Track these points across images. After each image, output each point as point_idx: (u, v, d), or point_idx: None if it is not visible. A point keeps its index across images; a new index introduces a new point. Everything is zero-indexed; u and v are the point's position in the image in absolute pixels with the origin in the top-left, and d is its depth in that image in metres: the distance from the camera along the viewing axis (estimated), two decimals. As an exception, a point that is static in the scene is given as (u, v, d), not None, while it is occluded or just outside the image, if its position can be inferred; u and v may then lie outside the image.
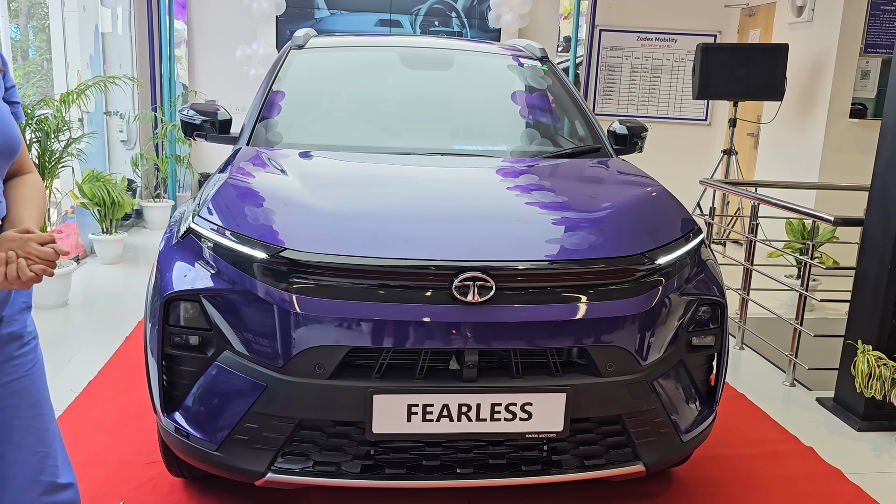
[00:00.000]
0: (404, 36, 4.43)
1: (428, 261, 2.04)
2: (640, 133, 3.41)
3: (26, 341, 1.62)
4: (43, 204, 1.62)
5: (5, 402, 1.57)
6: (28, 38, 8.61)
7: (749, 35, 7.59)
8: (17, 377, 1.59)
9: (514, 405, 2.05)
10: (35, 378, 1.63)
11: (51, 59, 6.18)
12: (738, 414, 3.51)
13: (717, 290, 2.41)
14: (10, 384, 1.57)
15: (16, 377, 1.59)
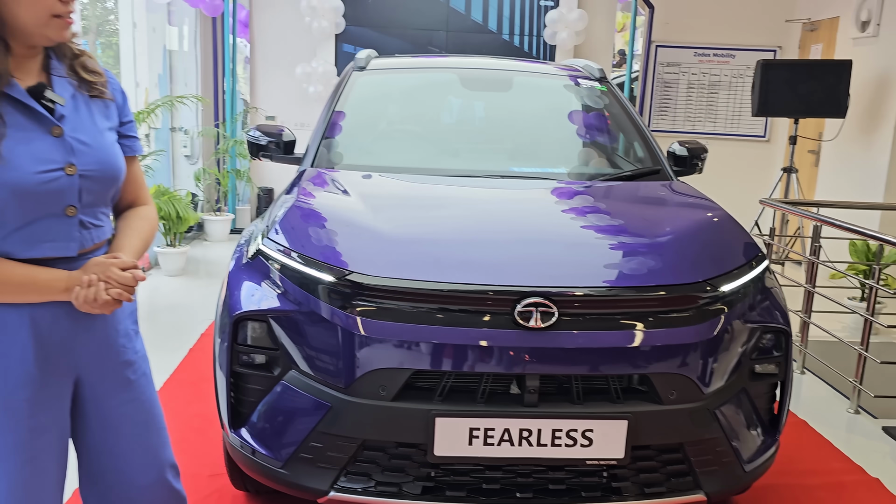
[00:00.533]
0: (463, 56, 4.48)
1: (491, 286, 2.08)
2: (699, 154, 3.39)
3: (136, 367, 1.72)
4: (149, 235, 1.70)
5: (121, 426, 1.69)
6: (97, 55, 8.96)
7: (811, 51, 7.44)
8: (129, 401, 1.70)
9: (575, 431, 2.06)
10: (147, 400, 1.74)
11: (119, 76, 6.43)
12: (800, 441, 3.43)
13: (781, 318, 2.38)
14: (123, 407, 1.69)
15: (128, 401, 1.70)
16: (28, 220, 1.47)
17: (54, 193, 1.49)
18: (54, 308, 1.53)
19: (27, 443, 1.54)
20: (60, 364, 1.58)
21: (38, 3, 1.44)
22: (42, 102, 1.50)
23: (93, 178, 1.55)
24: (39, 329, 1.52)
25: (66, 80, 1.56)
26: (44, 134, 1.49)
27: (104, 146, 1.58)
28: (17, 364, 1.52)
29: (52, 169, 1.48)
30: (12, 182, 1.43)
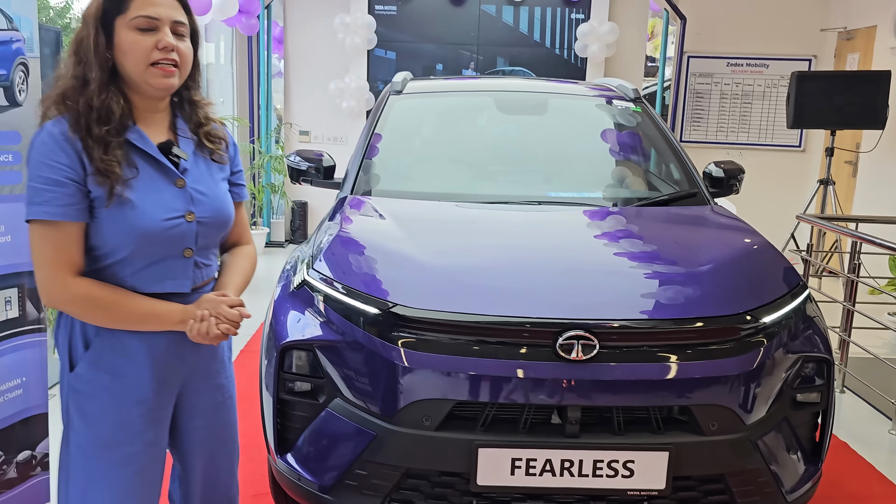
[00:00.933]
0: (497, 78, 4.52)
1: (533, 318, 2.11)
2: (736, 175, 3.40)
3: (227, 392, 1.93)
4: (250, 273, 1.90)
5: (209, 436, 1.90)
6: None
7: (847, 60, 7.35)
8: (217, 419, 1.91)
9: (617, 462, 2.08)
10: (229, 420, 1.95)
11: None
12: (842, 465, 3.40)
13: (822, 347, 2.37)
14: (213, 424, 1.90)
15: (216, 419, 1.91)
16: (153, 260, 1.66)
17: (176, 238, 1.67)
18: (169, 336, 1.71)
19: (138, 455, 1.73)
20: (170, 385, 1.77)
21: (136, 52, 1.58)
22: (169, 157, 1.68)
23: (208, 224, 1.73)
24: (156, 355, 1.71)
25: (189, 138, 1.75)
26: (169, 185, 1.68)
27: (218, 196, 1.77)
28: (136, 385, 1.70)
29: (175, 216, 1.66)
30: (143, 227, 1.62)
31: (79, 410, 1.70)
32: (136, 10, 1.59)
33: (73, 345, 1.70)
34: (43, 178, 1.56)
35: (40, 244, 1.59)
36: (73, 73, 1.61)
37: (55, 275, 1.59)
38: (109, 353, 1.68)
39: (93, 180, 1.58)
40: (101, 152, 1.57)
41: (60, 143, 1.57)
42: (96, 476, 1.70)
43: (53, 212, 1.56)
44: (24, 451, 2.34)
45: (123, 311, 1.63)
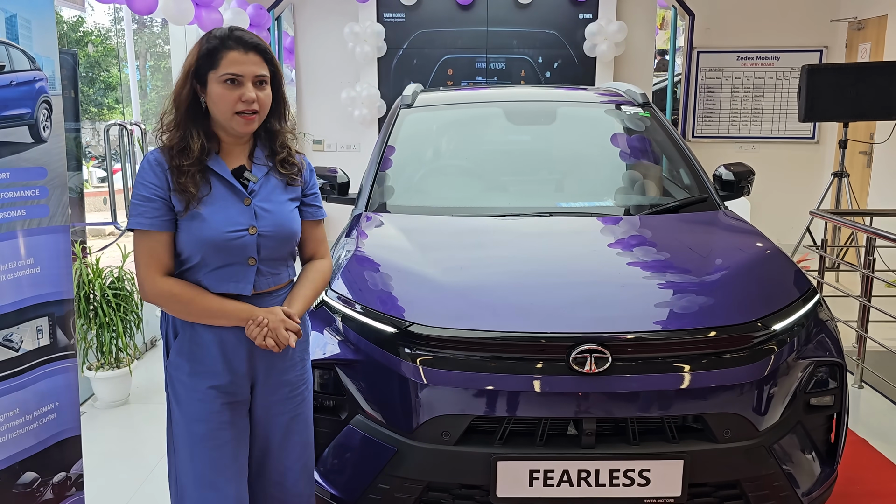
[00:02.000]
0: (506, 88, 4.55)
1: (546, 334, 2.16)
2: (746, 177, 3.42)
3: (296, 389, 2.09)
4: (321, 285, 2.11)
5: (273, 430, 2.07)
6: (146, 78, 9.27)
7: (858, 50, 7.31)
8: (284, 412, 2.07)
9: (633, 471, 2.13)
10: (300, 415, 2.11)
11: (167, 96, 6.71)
12: (861, 461, 3.41)
13: (835, 351, 2.41)
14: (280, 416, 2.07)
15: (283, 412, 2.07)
16: (220, 265, 1.93)
17: (239, 247, 1.93)
18: (237, 332, 1.95)
19: (216, 432, 1.96)
20: (240, 374, 1.99)
21: (223, 103, 1.89)
22: (241, 180, 1.96)
23: (269, 237, 1.96)
24: (224, 346, 1.96)
25: (263, 164, 2.01)
26: (237, 202, 1.95)
27: (283, 213, 2.00)
28: (209, 370, 1.96)
29: (238, 229, 1.92)
30: (209, 237, 1.90)
31: (173, 391, 2.01)
32: (225, 68, 1.87)
33: (168, 335, 2.00)
34: (138, 195, 1.90)
35: (137, 248, 1.92)
36: (174, 115, 1.93)
37: (147, 274, 1.90)
38: (189, 343, 1.96)
39: (175, 197, 1.89)
40: (178, 176, 1.89)
41: (153, 167, 1.91)
42: (189, 448, 1.98)
43: (143, 222, 1.89)
44: (59, 472, 2.43)
45: (198, 306, 1.91)
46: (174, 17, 5.15)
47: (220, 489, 1.97)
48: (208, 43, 1.90)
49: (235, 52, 1.88)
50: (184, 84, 1.91)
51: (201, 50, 1.90)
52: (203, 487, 1.96)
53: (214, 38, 1.90)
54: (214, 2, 5.76)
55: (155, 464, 3.41)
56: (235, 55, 1.88)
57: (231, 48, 1.88)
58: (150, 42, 9.11)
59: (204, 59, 1.89)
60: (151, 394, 4.25)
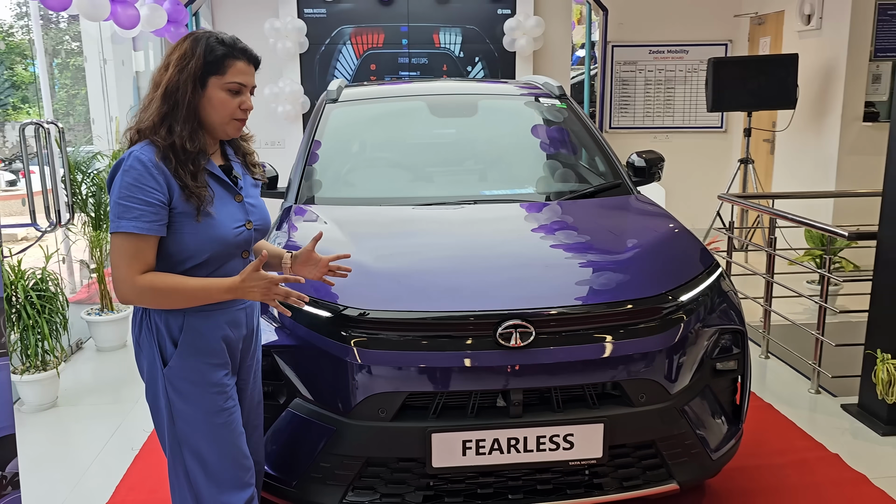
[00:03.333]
0: (429, 82, 4.66)
1: (473, 312, 2.29)
2: (657, 163, 3.64)
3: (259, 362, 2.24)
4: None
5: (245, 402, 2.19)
6: (55, 76, 8.98)
7: (759, 43, 7.76)
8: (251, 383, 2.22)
9: (558, 436, 2.29)
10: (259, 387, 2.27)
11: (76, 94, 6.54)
12: (766, 424, 3.70)
13: (737, 319, 2.63)
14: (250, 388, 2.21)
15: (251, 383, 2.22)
16: (222, 262, 2.01)
17: (240, 243, 2.02)
18: (226, 314, 2.03)
19: (231, 410, 2.05)
20: (235, 351, 2.09)
21: (224, 110, 1.95)
22: (231, 178, 2.04)
23: (259, 229, 2.10)
24: (227, 334, 2.04)
25: (237, 162, 2.12)
26: (232, 200, 2.03)
27: (262, 206, 2.14)
28: (218, 356, 2.02)
29: (239, 225, 2.02)
30: (220, 236, 1.96)
31: (179, 394, 2.00)
32: (232, 76, 1.94)
33: (162, 347, 1.99)
34: (134, 198, 1.86)
35: (120, 250, 1.88)
36: (160, 111, 1.91)
37: (128, 274, 1.88)
38: (195, 342, 1.99)
39: (180, 200, 1.90)
40: (193, 180, 1.91)
41: (150, 169, 1.87)
42: (206, 439, 2.01)
43: (141, 227, 1.87)
44: (-7, 472, 2.42)
45: (182, 291, 1.91)
46: (89, 13, 5.05)
47: (248, 460, 2.09)
48: (215, 48, 1.92)
49: (242, 63, 1.95)
50: (183, 84, 1.91)
51: (207, 54, 1.92)
52: (237, 467, 2.05)
53: (222, 45, 1.93)
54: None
55: (89, 464, 3.39)
56: (242, 65, 1.94)
57: (238, 58, 1.94)
58: (58, 39, 8.79)
59: (210, 65, 1.92)
60: (80, 395, 4.20)
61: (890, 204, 3.54)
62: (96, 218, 4.85)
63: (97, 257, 4.88)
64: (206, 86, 1.93)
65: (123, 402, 4.07)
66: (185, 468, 2.04)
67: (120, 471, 3.29)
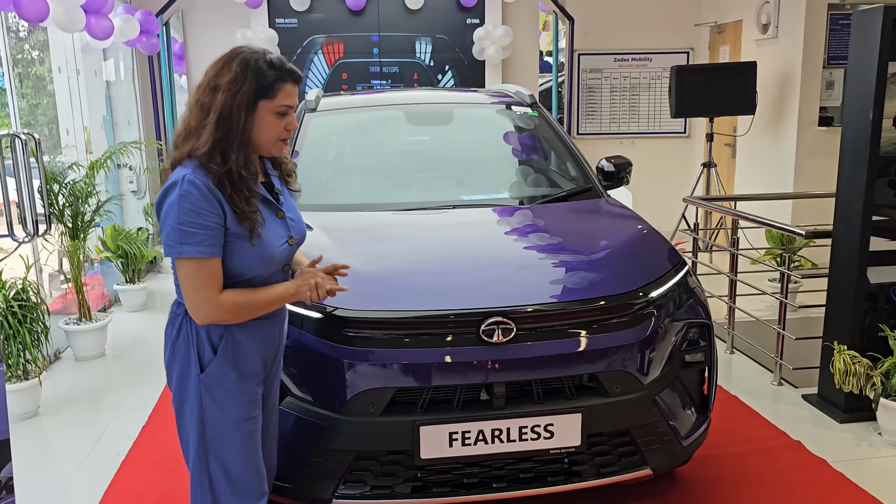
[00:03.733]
0: (404, 91, 4.78)
1: (457, 310, 2.42)
2: (626, 168, 3.80)
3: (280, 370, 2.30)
4: None
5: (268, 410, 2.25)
6: (16, 87, 8.94)
7: (719, 51, 8.03)
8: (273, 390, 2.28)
9: (538, 426, 2.42)
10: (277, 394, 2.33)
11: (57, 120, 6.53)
12: (732, 415, 3.88)
13: (703, 313, 2.79)
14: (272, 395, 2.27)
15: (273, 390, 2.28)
16: (266, 276, 2.06)
17: (284, 258, 2.09)
18: (264, 328, 2.09)
19: (256, 422, 2.11)
20: (269, 362, 2.16)
21: (272, 132, 1.99)
22: (273, 195, 2.08)
23: (299, 243, 2.16)
24: (258, 342, 2.09)
25: (275, 176, 2.16)
26: (275, 217, 2.07)
27: (300, 219, 2.19)
28: (253, 368, 2.09)
29: (283, 242, 2.07)
30: (268, 254, 2.02)
31: (213, 400, 2.04)
32: (281, 99, 1.97)
33: (200, 353, 2.03)
34: (194, 223, 1.89)
35: (194, 275, 1.92)
36: (214, 137, 1.92)
37: (211, 297, 1.94)
38: (233, 352, 2.04)
39: (233, 222, 1.94)
40: (247, 205, 1.95)
41: (206, 194, 1.90)
42: (233, 447, 2.07)
43: (205, 251, 1.91)
44: (-11, 476, 2.47)
45: (259, 305, 2.00)
46: (64, 24, 5.09)
47: (264, 468, 2.16)
48: (266, 73, 1.94)
49: (290, 85, 1.97)
50: (237, 110, 1.92)
51: (259, 79, 1.93)
52: (256, 476, 2.11)
53: (272, 68, 1.95)
54: (104, 9, 5.70)
55: (74, 472, 3.44)
56: (290, 87, 1.97)
57: (287, 80, 1.96)
58: (18, 48, 8.74)
59: (261, 89, 1.93)
60: (62, 405, 4.22)
61: (843, 204, 3.75)
62: (73, 228, 4.88)
63: (74, 267, 4.91)
64: (256, 109, 1.95)
65: (105, 410, 4.11)
66: (210, 475, 2.07)
67: (106, 477, 3.34)
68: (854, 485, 3.17)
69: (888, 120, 3.54)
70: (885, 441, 3.56)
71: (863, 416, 3.75)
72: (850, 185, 3.69)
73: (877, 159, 3.56)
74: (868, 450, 3.52)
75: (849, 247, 3.72)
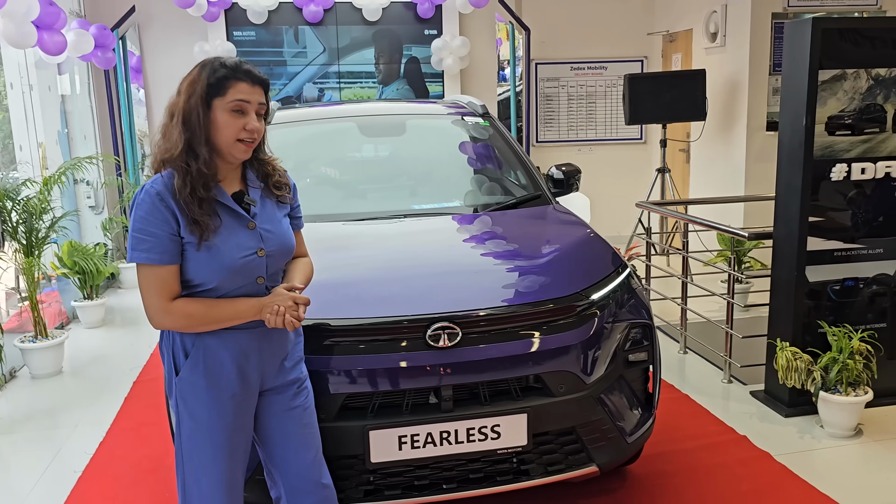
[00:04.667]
0: (358, 103, 4.84)
1: (404, 317, 2.49)
2: (575, 175, 3.90)
3: (303, 384, 2.26)
4: (309, 272, 2.30)
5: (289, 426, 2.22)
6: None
7: (672, 59, 8.24)
8: (295, 407, 2.22)
9: (486, 427, 2.49)
10: (309, 407, 2.27)
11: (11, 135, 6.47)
12: (682, 413, 4.00)
13: (645, 314, 2.89)
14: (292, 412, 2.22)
15: (295, 407, 2.22)
16: (234, 287, 2.05)
17: (250, 269, 2.05)
18: (243, 340, 2.08)
19: (230, 440, 2.10)
20: (251, 378, 2.12)
21: (228, 130, 1.98)
22: (241, 205, 2.06)
23: (274, 255, 2.12)
24: (236, 355, 2.07)
25: (257, 187, 2.14)
26: (243, 227, 2.06)
27: (282, 231, 2.16)
28: (225, 381, 2.07)
29: (248, 254, 2.05)
30: (224, 265, 2.00)
31: (185, 406, 2.07)
32: (233, 95, 1.97)
33: (175, 355, 2.08)
34: (144, 230, 1.95)
35: (145, 281, 1.98)
36: (184, 137, 1.97)
37: (160, 303, 1.97)
38: (203, 359, 2.05)
39: (186, 230, 1.96)
40: (198, 208, 1.96)
41: (156, 202, 1.96)
42: (203, 459, 2.08)
43: (152, 258, 1.95)
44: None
45: (214, 317, 2.01)
46: (16, 41, 5.06)
47: (237, 492, 2.15)
48: (217, 70, 1.97)
49: (244, 84, 1.98)
50: (195, 109, 1.96)
51: (210, 77, 1.97)
52: (222, 491, 2.10)
53: (223, 67, 1.98)
54: (56, 24, 5.67)
55: (30, 490, 3.42)
56: (244, 86, 1.97)
57: (241, 79, 1.98)
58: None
59: (212, 87, 1.96)
60: (16, 424, 4.19)
61: (781, 206, 3.90)
62: (27, 245, 4.84)
63: (30, 284, 4.87)
64: (211, 108, 1.97)
65: (62, 428, 4.09)
66: (185, 483, 2.11)
67: (63, 494, 3.34)
68: (795, 476, 3.29)
69: (821, 125, 3.69)
70: (826, 433, 3.70)
71: (806, 409, 3.89)
72: (788, 188, 3.84)
73: (811, 163, 3.71)
74: (810, 442, 3.65)
75: (788, 247, 3.87)
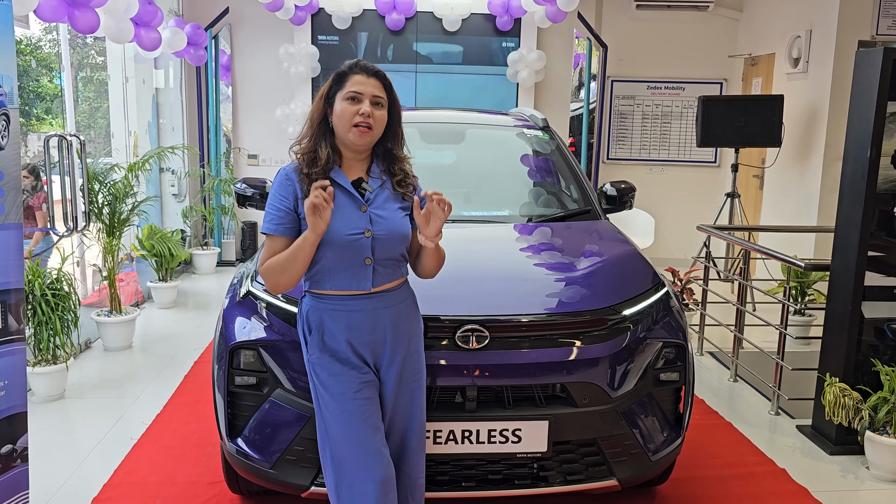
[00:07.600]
0: (421, 111, 4.97)
1: (437, 316, 2.58)
2: (628, 193, 3.92)
3: (416, 374, 2.40)
4: (442, 253, 2.41)
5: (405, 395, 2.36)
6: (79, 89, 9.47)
7: (752, 83, 8.08)
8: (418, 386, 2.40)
9: (507, 430, 2.57)
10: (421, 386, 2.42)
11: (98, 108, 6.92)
12: (723, 440, 3.95)
13: (680, 335, 2.90)
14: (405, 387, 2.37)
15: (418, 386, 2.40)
16: (343, 266, 2.26)
17: (356, 249, 2.24)
18: (358, 313, 2.28)
19: (364, 406, 2.26)
20: (362, 350, 2.30)
21: (344, 117, 2.24)
22: (359, 190, 2.27)
23: (382, 239, 2.27)
24: (344, 331, 2.28)
25: (377, 178, 2.34)
26: (355, 210, 2.27)
27: (394, 219, 2.31)
28: (340, 350, 2.28)
29: (356, 233, 2.24)
30: (330, 239, 2.21)
31: (318, 379, 2.31)
32: (349, 87, 2.25)
33: (304, 333, 2.35)
34: (272, 204, 2.27)
35: (265, 247, 2.28)
36: (309, 132, 2.30)
37: (260, 266, 2.27)
38: (323, 335, 2.30)
39: (302, 205, 2.21)
40: (308, 185, 2.21)
41: (283, 181, 2.28)
42: (347, 424, 2.26)
43: (270, 227, 2.26)
44: (6, 444, 2.71)
45: (284, 260, 2.20)
46: (115, 36, 5.44)
47: (380, 455, 2.26)
48: (339, 70, 2.29)
49: (359, 76, 2.26)
50: (317, 105, 2.29)
51: (333, 78, 2.29)
52: (369, 456, 2.24)
53: (344, 66, 2.30)
54: (153, 21, 6.06)
55: (90, 451, 3.69)
56: (359, 77, 2.26)
57: (356, 73, 2.27)
58: (83, 53, 9.23)
59: (334, 83, 2.28)
60: (86, 390, 4.50)
61: (840, 238, 3.82)
62: (110, 225, 5.19)
63: (109, 262, 5.21)
64: (334, 101, 2.27)
65: (126, 398, 4.38)
66: (331, 452, 2.29)
67: (118, 458, 3.58)
68: (831, 514, 3.22)
69: (886, 158, 3.60)
70: (871, 475, 3.60)
71: (853, 449, 3.78)
72: (847, 219, 3.75)
73: (873, 196, 3.62)
74: (852, 482, 3.55)
75: (844, 281, 3.78)
